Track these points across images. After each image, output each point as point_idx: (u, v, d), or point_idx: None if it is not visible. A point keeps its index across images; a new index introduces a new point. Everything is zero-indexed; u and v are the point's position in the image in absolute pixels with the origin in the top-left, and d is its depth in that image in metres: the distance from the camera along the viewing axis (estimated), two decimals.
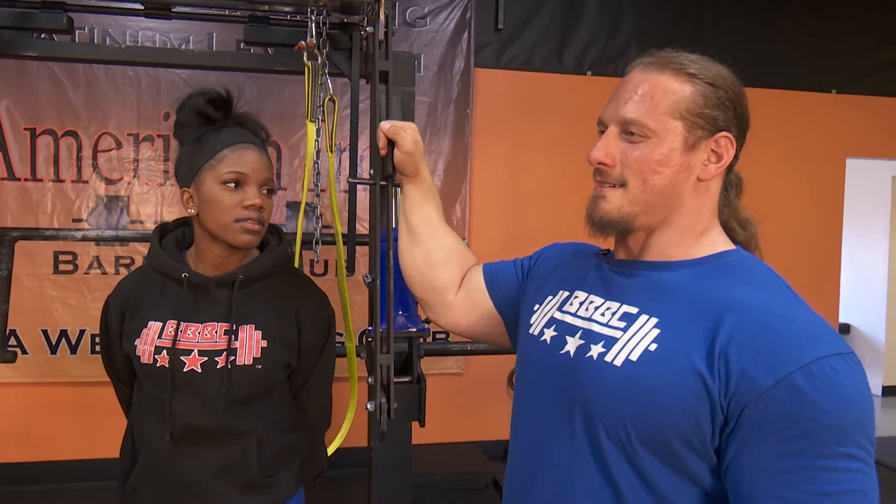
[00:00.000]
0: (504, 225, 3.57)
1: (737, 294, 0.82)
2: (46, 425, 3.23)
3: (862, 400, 0.75)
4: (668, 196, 0.87)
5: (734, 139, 0.89)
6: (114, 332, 1.32)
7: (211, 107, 1.28)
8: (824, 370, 0.73)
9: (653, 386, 0.81)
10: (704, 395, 0.77)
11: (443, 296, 1.17)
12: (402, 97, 1.53)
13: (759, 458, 0.75)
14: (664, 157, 0.86)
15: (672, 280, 0.88)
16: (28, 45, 1.70)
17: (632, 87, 0.89)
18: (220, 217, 1.23)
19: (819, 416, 0.72)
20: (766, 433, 0.74)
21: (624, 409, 0.82)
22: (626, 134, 0.88)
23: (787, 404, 0.73)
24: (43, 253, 3.14)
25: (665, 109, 0.86)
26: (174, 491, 1.27)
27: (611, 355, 0.86)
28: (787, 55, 3.92)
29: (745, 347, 0.76)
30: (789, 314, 0.79)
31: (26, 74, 3.10)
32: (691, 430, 0.78)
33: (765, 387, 0.74)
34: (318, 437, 1.43)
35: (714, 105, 0.87)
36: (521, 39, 3.58)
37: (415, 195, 1.15)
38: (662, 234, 0.90)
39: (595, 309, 0.93)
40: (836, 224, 4.11)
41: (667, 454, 0.80)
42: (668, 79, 0.87)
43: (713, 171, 0.89)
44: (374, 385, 1.16)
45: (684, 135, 0.86)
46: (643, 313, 0.87)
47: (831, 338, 0.77)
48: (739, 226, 0.96)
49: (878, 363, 5.61)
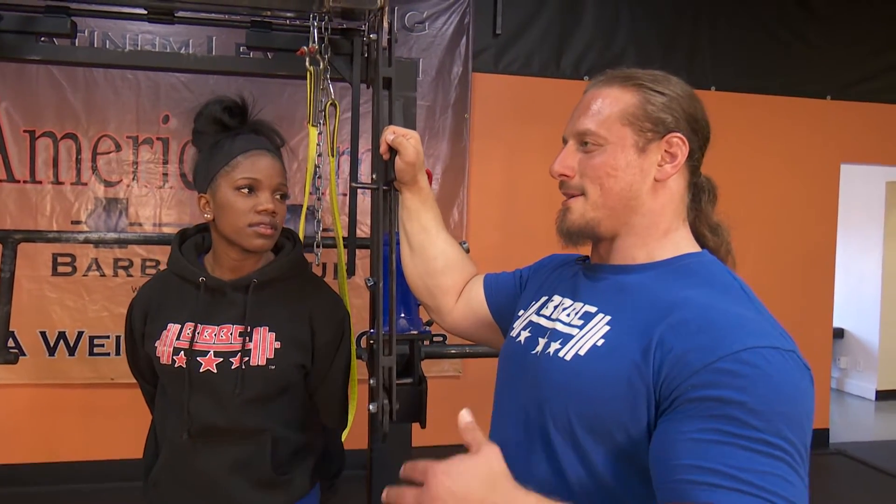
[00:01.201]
0: (502, 229, 3.59)
1: (686, 293, 0.84)
2: (45, 427, 3.23)
3: (794, 394, 0.74)
4: (626, 198, 0.91)
5: (686, 139, 0.91)
6: (137, 334, 1.37)
7: (227, 114, 1.31)
8: (756, 358, 0.74)
9: (594, 378, 0.84)
10: (640, 385, 0.80)
11: (443, 301, 1.21)
12: (404, 102, 1.55)
13: (680, 430, 0.75)
14: (617, 161, 0.91)
15: (632, 282, 0.91)
16: (31, 49, 1.71)
17: (585, 103, 0.95)
18: (234, 222, 1.26)
19: (746, 399, 0.72)
20: (692, 410, 0.75)
21: (569, 401, 0.86)
22: (582, 145, 0.94)
23: (715, 386, 0.74)
24: (42, 255, 3.15)
25: (614, 118, 0.91)
26: (192, 486, 1.31)
27: (563, 351, 0.90)
28: (783, 61, 3.96)
29: (682, 336, 0.79)
30: (732, 311, 0.81)
31: (26, 77, 3.11)
32: (629, 419, 0.81)
33: (694, 369, 0.75)
34: (335, 437, 1.45)
35: (661, 108, 0.91)
36: (518, 44, 3.61)
37: (412, 203, 1.18)
38: (626, 237, 0.94)
39: (563, 310, 0.97)
40: (831, 229, 4.14)
41: (610, 444, 0.83)
42: (616, 90, 0.93)
43: (669, 171, 0.92)
44: (376, 386, 1.18)
45: (634, 139, 0.91)
46: (600, 312, 0.91)
47: (771, 335, 0.78)
48: (710, 231, 0.99)
49: (871, 368, 5.64)
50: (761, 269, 3.88)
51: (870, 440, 4.53)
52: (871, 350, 5.63)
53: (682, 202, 0.95)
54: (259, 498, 1.30)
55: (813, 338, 4.06)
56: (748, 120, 3.90)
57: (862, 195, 5.45)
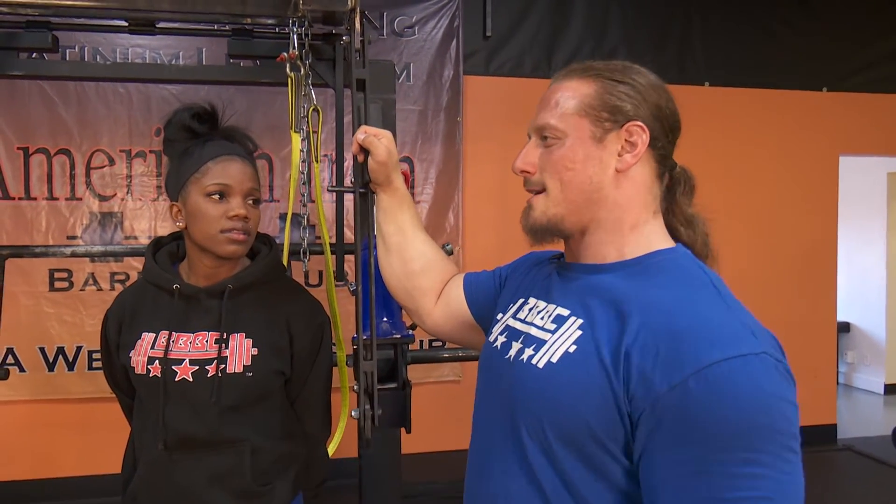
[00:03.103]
0: (497, 231, 3.57)
1: (651, 294, 0.82)
2: (45, 442, 3.23)
3: (765, 404, 0.71)
4: (587, 192, 0.89)
5: (646, 127, 0.88)
6: (112, 345, 1.35)
7: (196, 121, 1.30)
8: (719, 375, 0.71)
9: (566, 386, 0.81)
10: (610, 396, 0.77)
11: (422, 303, 1.18)
12: (383, 105, 1.54)
13: (657, 465, 0.74)
14: (575, 154, 0.88)
15: (602, 282, 0.88)
16: (13, 65, 1.71)
17: (546, 98, 0.93)
18: (205, 229, 1.24)
19: (713, 422, 0.70)
20: (663, 438, 0.73)
21: (542, 410, 0.83)
22: (542, 140, 0.92)
23: (681, 410, 0.72)
24: (38, 271, 3.15)
25: (571, 110, 0.89)
26: (170, 499, 1.28)
27: (536, 357, 0.87)
28: (776, 55, 3.93)
29: (647, 349, 0.76)
30: (699, 314, 0.78)
31: (18, 94, 3.12)
32: (602, 430, 0.78)
33: (660, 392, 0.73)
34: (318, 445, 1.43)
35: (619, 97, 0.88)
36: (509, 46, 3.61)
37: (387, 204, 1.16)
38: (594, 233, 0.91)
39: (537, 313, 0.94)
40: (832, 222, 4.11)
41: (584, 456, 0.80)
42: (574, 82, 0.90)
43: (630, 161, 0.88)
44: (358, 392, 1.17)
45: (591, 129, 0.88)
46: (572, 315, 0.88)
47: (738, 339, 0.75)
48: (684, 225, 0.94)
49: (879, 361, 5.58)
50: (761, 265, 3.86)
51: (878, 435, 4.48)
52: (878, 343, 5.58)
53: (651, 193, 0.91)
54: None
55: (817, 333, 4.02)
56: (743, 115, 3.87)
57: (863, 187, 5.41)
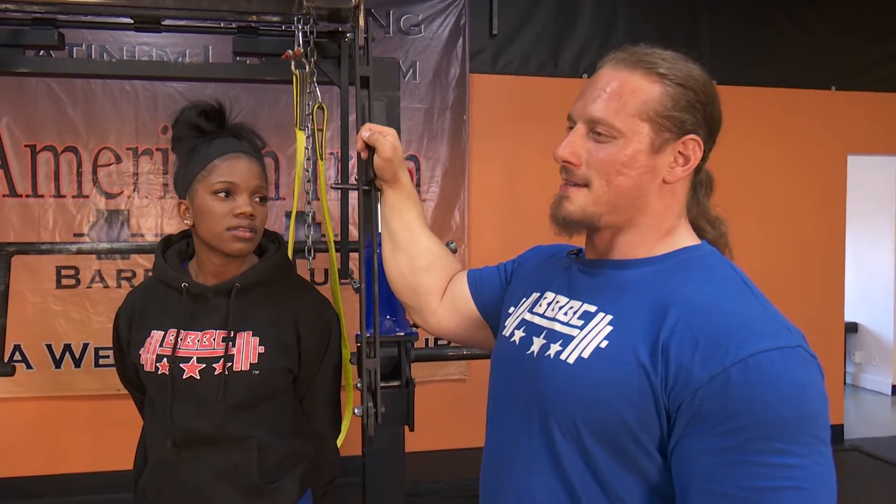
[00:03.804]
0: (503, 230, 3.57)
1: (686, 290, 0.81)
2: (52, 439, 3.24)
3: (803, 395, 0.73)
4: (632, 197, 0.87)
5: (702, 141, 0.86)
6: (123, 342, 1.38)
7: (203, 119, 1.30)
8: (760, 364, 0.72)
9: (600, 382, 0.81)
10: (648, 391, 0.77)
11: (427, 301, 1.18)
12: (388, 102, 1.54)
13: (694, 453, 0.74)
14: (630, 158, 0.85)
15: (632, 278, 0.87)
16: (20, 62, 1.72)
17: (602, 84, 0.87)
18: (212, 226, 1.25)
19: (752, 410, 0.71)
20: (701, 428, 0.74)
21: (575, 406, 0.82)
22: (593, 133, 0.87)
23: (720, 399, 0.72)
24: (45, 268, 3.17)
25: (633, 110, 0.84)
26: (178, 495, 1.29)
27: (566, 353, 0.86)
28: (785, 53, 3.91)
29: (685, 342, 0.76)
30: (734, 308, 0.78)
31: (25, 92, 3.14)
32: (638, 425, 0.78)
33: (700, 382, 0.74)
34: (328, 443, 1.43)
35: (683, 107, 0.85)
36: (515, 44, 3.60)
37: (394, 201, 1.16)
38: (628, 234, 0.89)
39: (559, 308, 0.93)
40: (840, 222, 4.08)
41: (617, 451, 0.80)
42: (639, 78, 0.85)
43: (679, 174, 0.87)
44: (361, 389, 1.16)
45: (651, 137, 0.85)
46: (601, 311, 0.87)
47: (775, 332, 0.76)
48: (709, 224, 0.95)
49: (887, 362, 5.55)
50: (769, 264, 3.83)
51: (886, 435, 4.45)
52: (886, 344, 5.54)
53: (684, 201, 0.91)
54: None
55: (825, 333, 4.00)
56: (751, 113, 3.85)
57: (872, 186, 5.38)
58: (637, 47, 0.89)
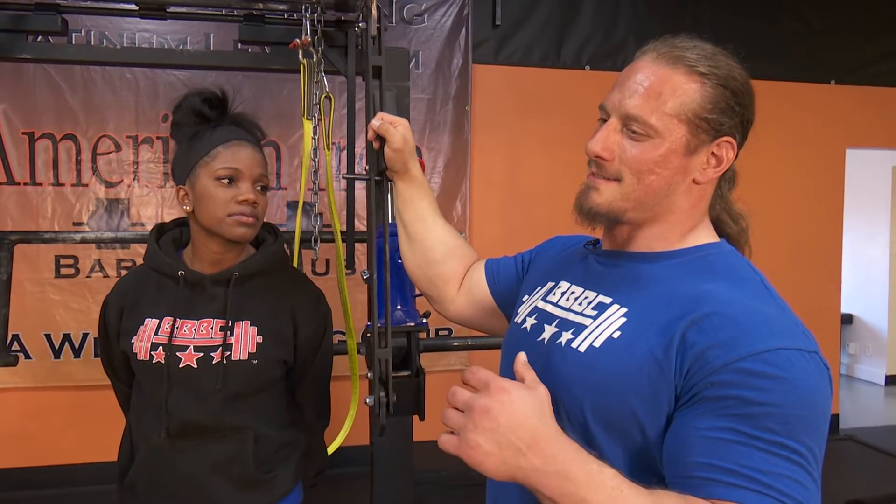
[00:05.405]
0: (504, 220, 3.57)
1: (707, 286, 0.81)
2: (51, 429, 3.23)
3: (815, 399, 0.73)
4: (661, 196, 0.86)
5: (736, 145, 0.86)
6: (112, 330, 1.34)
7: (206, 106, 1.29)
8: (779, 359, 0.72)
9: (610, 372, 0.80)
10: (662, 382, 0.77)
11: (444, 291, 1.18)
12: (397, 92, 1.53)
13: (697, 426, 0.73)
14: (663, 158, 0.83)
15: (649, 271, 0.87)
16: (22, 48, 1.70)
17: (640, 77, 0.84)
18: (214, 212, 1.24)
19: (765, 401, 0.71)
20: (711, 407, 0.73)
21: (583, 394, 0.82)
22: (627, 129, 0.84)
23: (735, 386, 0.72)
24: (44, 257, 3.14)
25: (671, 110, 0.82)
26: (171, 487, 1.28)
27: (577, 342, 0.86)
28: (785, 47, 3.91)
29: (704, 332, 0.76)
30: (755, 306, 0.78)
31: (23, 79, 3.10)
32: (647, 417, 0.78)
33: (716, 367, 0.73)
34: (318, 434, 1.44)
35: (722, 110, 0.83)
36: (518, 35, 3.58)
37: (406, 192, 1.15)
38: (650, 228, 0.89)
39: (574, 298, 0.93)
40: (837, 215, 4.10)
41: (625, 441, 0.80)
42: (680, 76, 0.83)
43: (711, 175, 0.86)
44: (372, 379, 1.16)
45: (687, 138, 0.83)
46: (615, 303, 0.86)
47: (794, 333, 0.76)
48: (731, 219, 0.94)
49: (881, 353, 5.60)
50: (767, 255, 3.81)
51: (880, 425, 4.50)
52: (880, 335, 5.59)
53: (710, 199, 0.90)
54: (241, 498, 1.27)
55: (821, 323, 4.02)
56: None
57: (868, 180, 5.40)
58: (678, 39, 0.86)
